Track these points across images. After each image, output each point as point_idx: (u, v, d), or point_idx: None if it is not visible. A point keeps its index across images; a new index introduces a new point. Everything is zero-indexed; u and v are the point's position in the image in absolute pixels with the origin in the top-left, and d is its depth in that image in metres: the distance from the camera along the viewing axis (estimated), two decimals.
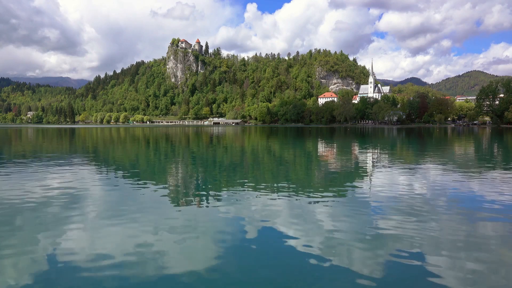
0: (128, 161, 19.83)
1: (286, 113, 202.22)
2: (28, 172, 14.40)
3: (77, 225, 7.28)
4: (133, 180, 12.80)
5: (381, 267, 5.27)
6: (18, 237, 6.51)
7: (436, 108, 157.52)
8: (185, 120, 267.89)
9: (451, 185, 11.66)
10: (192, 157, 22.66)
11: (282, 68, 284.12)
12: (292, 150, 27.59)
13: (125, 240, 6.37)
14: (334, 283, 4.82)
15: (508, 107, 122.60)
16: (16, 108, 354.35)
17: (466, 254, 5.72)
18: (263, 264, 5.41)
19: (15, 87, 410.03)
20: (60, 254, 5.76)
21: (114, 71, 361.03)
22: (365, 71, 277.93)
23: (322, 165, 18.14)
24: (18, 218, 7.71)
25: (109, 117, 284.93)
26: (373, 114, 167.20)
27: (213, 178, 13.70)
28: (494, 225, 7.24)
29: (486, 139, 44.27)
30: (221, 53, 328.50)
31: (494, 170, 15.47)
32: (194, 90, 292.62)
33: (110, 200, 9.66)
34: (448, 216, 7.86)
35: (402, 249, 5.92)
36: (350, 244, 6.17)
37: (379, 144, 35.63)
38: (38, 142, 39.31)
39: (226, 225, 7.31)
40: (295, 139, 44.62)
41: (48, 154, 23.48)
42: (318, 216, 7.95)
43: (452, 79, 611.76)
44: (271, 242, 6.34)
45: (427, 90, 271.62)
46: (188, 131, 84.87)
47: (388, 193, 10.29)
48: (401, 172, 14.67)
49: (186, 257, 5.69)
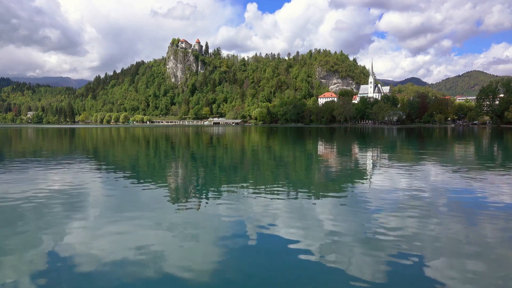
0: (128, 161, 19.83)
1: (286, 113, 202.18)
2: (28, 172, 14.40)
3: (77, 225, 7.28)
4: (133, 180, 12.80)
5: (381, 267, 5.27)
6: (18, 237, 6.51)
7: (436, 108, 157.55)
8: (185, 120, 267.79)
9: (451, 185, 11.66)
10: (192, 157, 22.66)
11: (282, 68, 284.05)
12: (292, 150, 27.59)
13: (125, 240, 6.37)
14: (334, 283, 4.82)
15: (508, 107, 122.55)
16: (16, 108, 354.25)
17: (466, 254, 5.73)
18: (263, 264, 5.41)
19: (15, 87, 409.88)
20: (61, 254, 5.76)
21: (114, 71, 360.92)
22: (365, 71, 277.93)
23: (322, 165, 18.14)
24: (18, 218, 7.71)
25: (109, 117, 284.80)
26: (373, 114, 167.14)
27: (213, 178, 13.71)
28: (494, 225, 7.23)
29: (486, 139, 44.25)
30: (221, 53, 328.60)
31: (494, 170, 15.47)
32: (194, 90, 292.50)
33: (110, 200, 9.66)
34: (448, 216, 7.86)
35: (402, 249, 5.92)
36: (350, 244, 6.17)
37: (379, 144, 35.62)
38: (38, 142, 39.31)
39: (226, 225, 7.32)
40: (295, 139, 44.61)
41: (48, 154, 23.48)
42: (318, 216, 7.96)
43: (452, 79, 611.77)
44: (271, 242, 6.34)
45: (427, 90, 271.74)
46: (188, 131, 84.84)
47: (388, 193, 10.29)
48: (401, 172, 14.67)
49: (186, 257, 5.69)
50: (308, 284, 4.74)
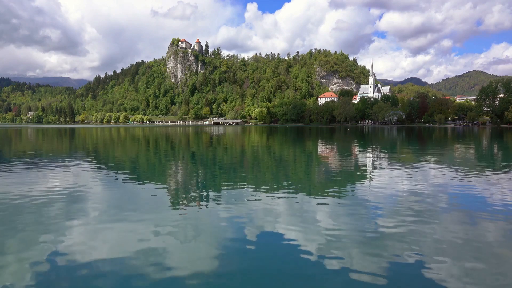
0: (128, 161, 19.83)
1: (286, 113, 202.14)
2: (28, 173, 14.40)
3: (77, 225, 7.28)
4: (133, 180, 12.80)
5: (381, 267, 5.28)
6: (18, 237, 6.51)
7: (436, 108, 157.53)
8: (185, 120, 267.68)
9: (451, 185, 11.66)
10: (192, 157, 22.66)
11: (282, 68, 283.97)
12: (292, 150, 27.59)
13: (125, 240, 6.38)
14: (334, 282, 4.83)
15: (508, 107, 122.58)
16: (16, 108, 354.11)
17: (466, 254, 5.73)
18: (263, 263, 5.41)
19: (15, 87, 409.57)
20: (61, 254, 5.77)
21: (114, 71, 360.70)
22: (365, 71, 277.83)
23: (322, 165, 18.14)
24: (18, 218, 7.71)
25: (109, 117, 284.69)
26: (373, 114, 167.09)
27: (213, 178, 13.71)
28: (494, 225, 7.24)
29: (486, 139, 44.25)
30: (221, 53, 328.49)
31: (494, 170, 15.47)
32: (194, 90, 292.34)
33: (110, 200, 9.66)
34: (448, 216, 7.87)
35: (402, 249, 5.93)
36: (350, 244, 6.18)
37: (379, 144, 35.62)
38: (38, 142, 39.31)
39: (226, 225, 7.32)
40: (295, 139, 44.61)
41: (48, 154, 23.48)
42: (318, 216, 7.96)
43: (452, 79, 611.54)
44: (271, 242, 6.34)
45: (427, 90, 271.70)
46: (188, 131, 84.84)
47: (388, 193, 10.29)
48: (401, 172, 14.68)
49: (186, 256, 5.70)
50: (308, 284, 4.75)
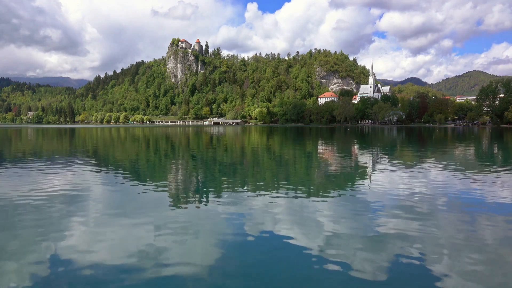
0: (128, 162, 19.83)
1: (286, 113, 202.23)
2: (28, 173, 14.41)
3: (77, 225, 7.29)
4: (133, 180, 12.81)
5: (381, 267, 5.28)
6: (19, 237, 6.51)
7: (436, 108, 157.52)
8: (185, 120, 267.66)
9: (451, 185, 11.66)
10: (192, 157, 22.67)
11: (282, 68, 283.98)
12: (292, 150, 27.60)
13: (126, 240, 6.38)
14: (334, 282, 4.84)
15: (508, 107, 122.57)
16: (16, 108, 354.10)
17: (466, 254, 5.73)
18: (263, 263, 5.42)
19: (15, 87, 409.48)
20: (61, 254, 5.77)
21: (114, 71, 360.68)
22: (365, 71, 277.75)
23: (322, 165, 18.15)
24: (18, 218, 7.71)
25: (109, 117, 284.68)
26: (373, 114, 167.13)
27: (213, 178, 13.71)
28: (494, 225, 7.24)
29: (486, 140, 44.26)
30: (221, 53, 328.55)
31: (494, 170, 15.47)
32: (194, 90, 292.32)
33: (110, 200, 9.67)
34: (448, 216, 7.87)
35: (402, 249, 5.93)
36: (350, 243, 6.18)
37: (379, 144, 35.63)
38: (38, 142, 39.31)
39: (226, 225, 7.32)
40: (295, 139, 44.61)
41: (48, 154, 23.48)
42: (317, 216, 7.96)
43: (452, 79, 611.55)
44: (271, 242, 6.35)
45: (427, 90, 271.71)
46: (188, 131, 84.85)
47: (388, 193, 10.30)
48: (401, 172, 14.68)
49: (186, 256, 5.70)
50: (308, 284, 4.76)
